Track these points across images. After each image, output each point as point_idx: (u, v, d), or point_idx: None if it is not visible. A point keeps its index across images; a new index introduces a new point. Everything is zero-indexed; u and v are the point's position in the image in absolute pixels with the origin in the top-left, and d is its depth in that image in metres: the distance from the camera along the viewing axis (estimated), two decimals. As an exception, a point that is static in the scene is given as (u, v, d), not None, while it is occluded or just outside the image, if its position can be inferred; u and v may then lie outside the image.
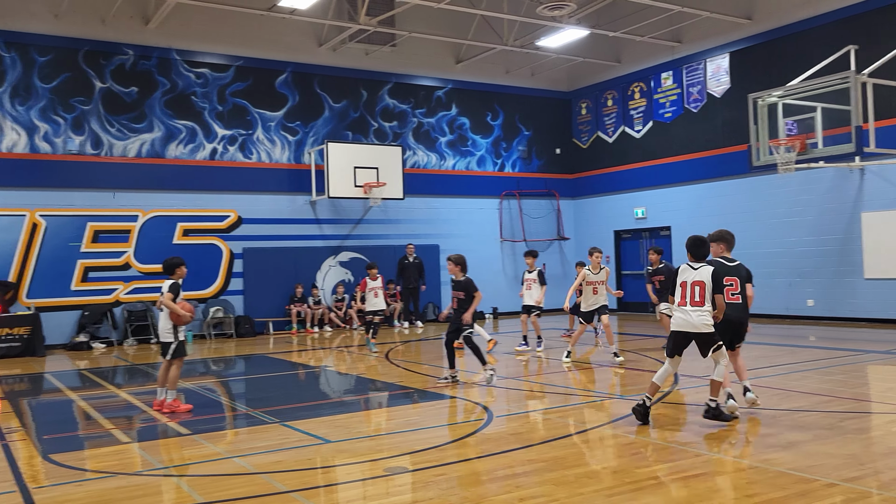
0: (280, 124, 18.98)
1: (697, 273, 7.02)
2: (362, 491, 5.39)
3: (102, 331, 16.52)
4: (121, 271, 17.00)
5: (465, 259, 9.96)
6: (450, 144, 21.41)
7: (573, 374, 10.75)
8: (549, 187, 22.92)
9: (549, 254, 22.72)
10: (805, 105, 14.38)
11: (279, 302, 18.52)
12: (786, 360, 11.11)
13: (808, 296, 16.85)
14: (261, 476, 5.73)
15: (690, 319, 6.90)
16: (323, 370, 12.30)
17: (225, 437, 7.41)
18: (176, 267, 8.55)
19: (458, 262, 9.87)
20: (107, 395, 10.01)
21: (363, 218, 19.97)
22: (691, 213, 19.43)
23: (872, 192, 15.78)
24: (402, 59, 20.54)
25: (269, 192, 18.76)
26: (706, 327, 6.89)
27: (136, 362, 13.75)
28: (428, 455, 6.20)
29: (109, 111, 16.99)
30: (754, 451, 5.98)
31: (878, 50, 14.94)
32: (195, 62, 18.02)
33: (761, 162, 14.58)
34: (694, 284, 6.95)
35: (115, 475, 5.94)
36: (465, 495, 5.06)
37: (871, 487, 5.01)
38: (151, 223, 17.35)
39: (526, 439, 6.72)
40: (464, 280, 9.77)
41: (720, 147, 18.79)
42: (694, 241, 7.26)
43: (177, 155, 17.70)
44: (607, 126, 22.16)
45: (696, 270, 7.04)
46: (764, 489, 4.98)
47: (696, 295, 6.92)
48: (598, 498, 4.93)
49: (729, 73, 18.62)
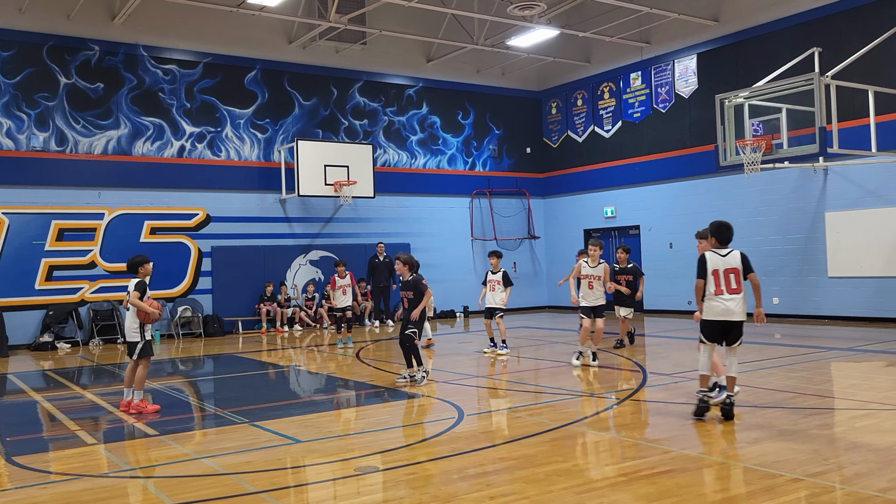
0: (249, 122, 18.82)
1: (727, 260, 7.04)
2: (333, 491, 5.37)
3: (67, 331, 16.27)
4: (86, 270, 16.74)
5: (413, 258, 9.82)
6: (420, 143, 21.40)
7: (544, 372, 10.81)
8: (520, 186, 23.02)
9: (520, 252, 22.82)
10: (770, 106, 14.60)
11: (248, 301, 18.38)
12: (751, 357, 11.27)
13: (773, 294, 17.12)
14: (230, 477, 5.68)
15: (731, 307, 6.91)
16: (293, 369, 12.23)
17: (193, 437, 7.34)
18: (140, 265, 8.44)
19: (407, 261, 9.71)
20: (72, 396, 9.86)
21: (334, 216, 19.89)
22: (660, 213, 19.64)
23: (835, 193, 16.07)
24: (372, 57, 20.48)
25: (239, 190, 18.60)
26: (742, 315, 6.94)
27: (102, 362, 13.56)
28: (398, 454, 6.19)
29: (74, 107, 16.72)
30: (721, 447, 6.06)
31: (841, 52, 15.22)
32: (162, 58, 17.80)
33: (728, 162, 14.77)
34: (727, 272, 6.95)
35: (80, 477, 5.85)
36: (436, 494, 5.07)
37: (835, 482, 5.11)
38: (118, 221, 17.11)
39: (496, 438, 6.75)
40: (412, 279, 9.62)
41: (688, 147, 19.02)
42: (720, 226, 7.25)
43: (144, 152, 17.48)
44: (577, 125, 22.31)
45: (725, 257, 7.05)
46: (730, 485, 5.05)
47: (733, 282, 6.93)
48: (567, 495, 4.97)
49: (696, 73, 18.85)
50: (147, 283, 8.40)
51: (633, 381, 9.47)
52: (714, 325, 7.02)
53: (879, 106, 14.63)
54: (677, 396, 8.43)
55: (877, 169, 15.33)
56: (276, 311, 18.31)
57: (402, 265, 9.71)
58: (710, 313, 7.03)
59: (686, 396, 8.33)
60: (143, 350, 8.33)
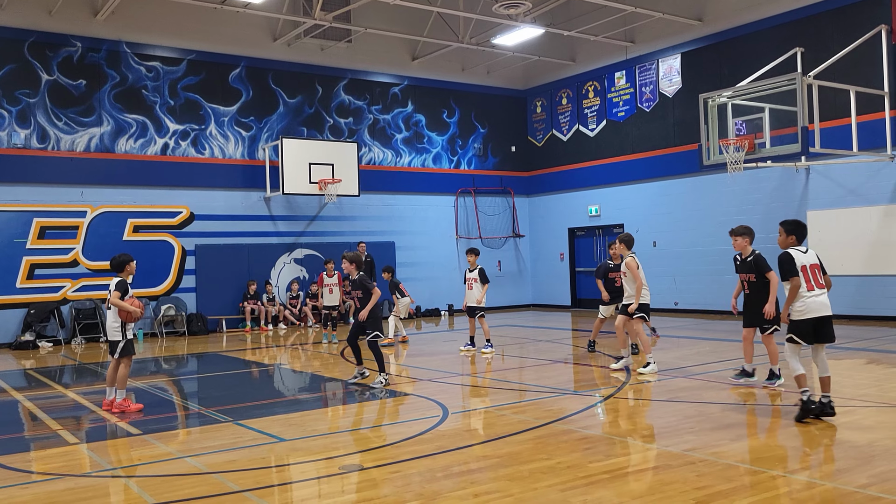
0: (233, 119, 18.73)
1: (808, 256, 6.94)
2: (317, 489, 5.36)
3: (49, 329, 16.13)
4: (68, 268, 16.60)
5: (360, 257, 9.66)
6: (406, 141, 21.37)
7: (528, 370, 10.83)
8: (505, 185, 23.05)
9: (505, 251, 22.86)
10: (753, 106, 14.70)
11: (232, 299, 18.30)
12: (735, 355, 11.34)
13: (756, 292, 17.22)
14: (213, 476, 5.66)
15: (825, 301, 6.80)
16: (277, 368, 12.19)
17: (177, 436, 7.30)
18: (125, 264, 8.40)
19: (353, 259, 9.51)
20: (54, 395, 9.78)
21: (318, 214, 19.83)
22: (644, 211, 19.73)
23: (817, 191, 16.21)
24: (357, 55, 20.44)
25: (223, 188, 18.51)
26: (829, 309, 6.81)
27: (85, 361, 13.46)
28: (383, 452, 6.19)
29: (56, 104, 16.57)
30: (704, 444, 6.10)
31: (823, 52, 15.36)
32: (146, 55, 17.67)
33: (712, 161, 14.86)
34: (812, 268, 6.85)
35: (62, 477, 5.81)
36: (420, 492, 5.08)
37: (816, 478, 5.16)
38: (100, 219, 16.98)
39: (481, 436, 6.76)
40: (358, 278, 9.46)
41: (672, 146, 19.11)
42: (799, 224, 7.15)
43: (127, 150, 17.35)
44: (562, 124, 22.36)
45: (806, 254, 6.95)
46: (713, 481, 5.09)
47: (819, 277, 6.84)
48: (552, 492, 4.99)
49: (680, 73, 18.94)
50: (129, 282, 8.35)
51: (616, 379, 9.51)
52: (810, 323, 6.72)
53: (861, 106, 14.78)
54: (661, 394, 8.48)
55: (858, 168, 15.48)
56: (261, 309, 18.24)
57: (348, 263, 9.49)
58: (807, 311, 6.71)
59: (669, 393, 8.39)
60: (125, 349, 8.28)
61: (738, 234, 8.70)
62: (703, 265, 18.23)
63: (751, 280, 8.56)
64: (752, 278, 8.53)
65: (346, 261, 9.53)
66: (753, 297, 8.51)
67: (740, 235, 8.67)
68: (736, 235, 8.70)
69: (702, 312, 18.01)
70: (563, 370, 10.74)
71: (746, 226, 8.90)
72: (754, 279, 8.51)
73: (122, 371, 8.26)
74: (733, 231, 8.77)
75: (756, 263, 8.52)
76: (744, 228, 8.79)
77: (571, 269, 22.14)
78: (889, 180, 15.08)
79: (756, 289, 8.50)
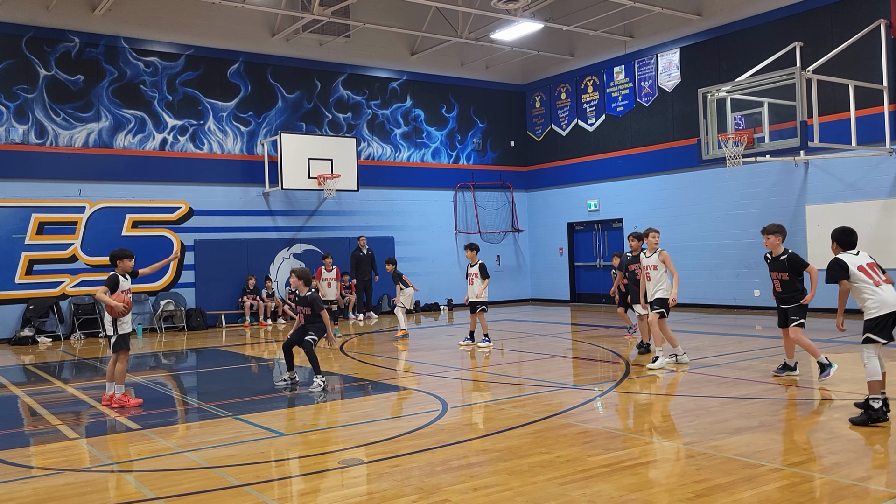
0: (232, 115, 18.70)
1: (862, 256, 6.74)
2: (316, 484, 5.37)
3: (48, 325, 16.13)
4: (67, 264, 16.59)
5: (309, 273, 9.30)
6: (405, 136, 21.35)
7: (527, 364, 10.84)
8: (504, 180, 23.04)
9: (504, 246, 22.86)
10: (752, 100, 14.71)
11: (231, 294, 18.30)
12: (733, 349, 11.37)
13: (754, 286, 17.26)
14: (213, 470, 5.66)
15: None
16: (276, 363, 12.19)
17: (176, 431, 7.31)
18: (118, 259, 8.37)
19: (301, 276, 9.13)
20: (53, 391, 9.79)
21: (317, 210, 19.82)
22: (643, 206, 19.73)
23: (816, 186, 16.22)
24: (356, 50, 20.41)
25: (222, 184, 18.49)
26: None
27: (84, 357, 13.46)
28: (382, 447, 6.20)
29: (54, 99, 16.55)
30: (702, 438, 6.12)
31: (822, 47, 15.36)
32: (144, 50, 17.64)
33: (710, 156, 14.86)
34: (870, 266, 6.68)
35: (62, 472, 5.81)
36: (420, 486, 5.08)
37: (814, 472, 5.18)
38: (99, 215, 16.96)
39: (480, 430, 6.77)
40: (309, 295, 9.11)
41: (671, 141, 19.10)
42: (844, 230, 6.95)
43: (125, 145, 17.33)
44: (561, 119, 22.35)
45: (858, 256, 6.76)
46: (712, 475, 5.10)
47: (881, 273, 6.66)
48: (551, 486, 5.00)
49: (679, 67, 18.92)
50: (120, 277, 8.29)
51: (616, 373, 9.52)
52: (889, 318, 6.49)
53: (859, 100, 14.78)
54: (660, 388, 8.49)
55: (856, 163, 15.48)
56: (260, 304, 18.24)
57: (296, 279, 9.10)
58: (883, 306, 6.49)
59: (668, 387, 8.40)
60: (116, 344, 8.27)
61: (771, 232, 8.57)
62: (702, 259, 18.24)
63: (783, 279, 8.51)
64: (784, 276, 8.49)
65: (295, 276, 9.14)
66: (785, 294, 8.56)
67: (773, 234, 8.55)
68: (768, 234, 8.57)
69: (701, 306, 18.02)
70: (562, 364, 10.75)
71: (779, 224, 8.72)
72: (787, 277, 8.47)
73: (118, 366, 8.28)
74: (765, 230, 8.62)
75: (790, 262, 8.46)
76: (776, 227, 8.63)
77: (571, 263, 22.15)
78: (888, 174, 15.08)
79: (788, 286, 8.52)
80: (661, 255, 9.89)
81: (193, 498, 5.03)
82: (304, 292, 9.15)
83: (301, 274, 9.17)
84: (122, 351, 8.31)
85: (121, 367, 8.28)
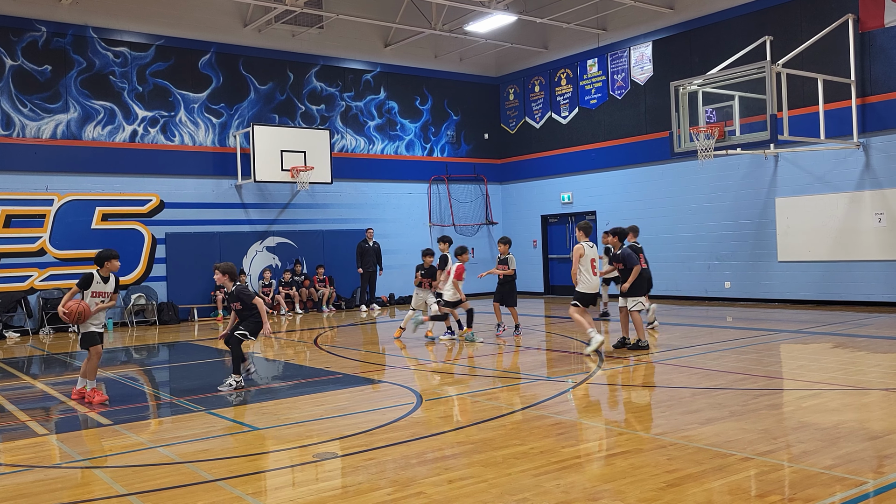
0: (204, 106, 18.50)
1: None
2: (291, 477, 5.36)
3: (16, 319, 15.89)
4: (35, 257, 16.33)
5: (234, 267, 8.97)
6: (378, 128, 21.28)
7: (502, 357, 10.89)
8: (478, 172, 23.06)
9: (478, 238, 22.89)
10: (724, 94, 14.85)
11: (204, 288, 18.13)
12: (704, 340, 11.51)
13: (725, 278, 17.48)
14: (186, 465, 5.63)
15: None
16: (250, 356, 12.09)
17: (149, 426, 7.24)
18: (105, 260, 8.20)
19: (226, 271, 8.75)
20: (22, 386, 9.64)
21: (290, 202, 19.70)
22: (616, 198, 19.87)
23: (786, 179, 16.43)
24: (329, 41, 20.27)
25: (193, 176, 18.30)
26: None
27: (53, 352, 13.28)
28: (357, 440, 6.20)
29: (21, 90, 16.24)
30: (674, 428, 6.19)
31: (791, 41, 15.54)
32: (113, 40, 17.37)
33: (682, 148, 14.99)
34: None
35: (31, 468, 5.74)
36: (395, 479, 5.09)
37: (783, 460, 5.26)
38: (68, 207, 16.71)
39: (454, 422, 6.79)
40: (235, 290, 8.76)
41: (643, 134, 19.24)
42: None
43: (94, 137, 17.07)
44: (535, 112, 22.40)
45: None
46: (683, 465, 5.17)
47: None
48: (525, 477, 5.03)
49: (652, 61, 19.05)
50: (94, 277, 8.07)
51: (588, 365, 9.60)
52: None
53: (828, 94, 14.98)
54: (632, 379, 8.57)
55: (825, 156, 15.71)
56: (233, 298, 18.08)
57: (221, 275, 8.76)
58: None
59: (640, 378, 8.48)
60: (84, 340, 8.15)
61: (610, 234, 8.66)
62: (674, 251, 18.42)
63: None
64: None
65: (219, 272, 8.78)
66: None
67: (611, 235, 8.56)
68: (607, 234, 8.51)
69: (673, 298, 18.21)
70: (536, 357, 10.81)
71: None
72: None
73: (87, 363, 8.18)
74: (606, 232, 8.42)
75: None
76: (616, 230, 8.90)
77: (544, 256, 22.25)
78: (855, 168, 15.33)
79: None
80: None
81: (166, 493, 4.99)
82: (230, 287, 8.79)
83: (225, 269, 8.79)
84: (90, 346, 8.18)
85: (88, 363, 8.17)
